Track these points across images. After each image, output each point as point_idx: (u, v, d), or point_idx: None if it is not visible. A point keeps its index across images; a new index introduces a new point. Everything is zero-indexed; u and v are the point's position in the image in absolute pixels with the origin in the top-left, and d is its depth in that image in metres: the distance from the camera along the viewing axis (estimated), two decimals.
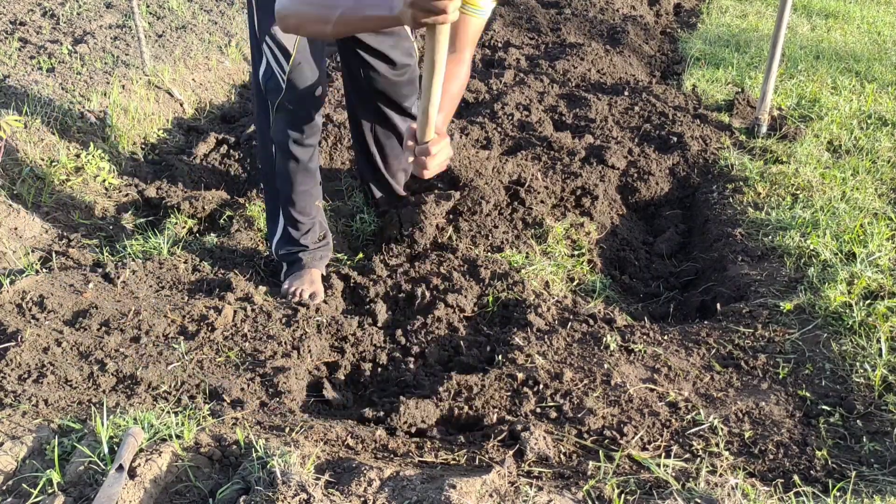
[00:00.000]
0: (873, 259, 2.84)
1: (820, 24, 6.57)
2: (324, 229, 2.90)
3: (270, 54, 2.54)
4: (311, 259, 2.82)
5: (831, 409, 2.17)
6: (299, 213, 2.79)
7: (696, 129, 4.07)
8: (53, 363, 2.23)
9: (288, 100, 2.57)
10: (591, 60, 4.99)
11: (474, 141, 3.85)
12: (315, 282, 2.77)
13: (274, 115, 2.65)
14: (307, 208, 2.80)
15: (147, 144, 3.93)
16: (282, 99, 2.58)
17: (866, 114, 4.41)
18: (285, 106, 2.59)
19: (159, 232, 3.11)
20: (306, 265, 2.80)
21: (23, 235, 3.02)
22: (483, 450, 1.98)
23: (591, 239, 3.28)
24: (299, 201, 2.77)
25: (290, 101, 2.57)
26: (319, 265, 2.84)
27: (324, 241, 2.89)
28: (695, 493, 1.78)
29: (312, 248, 2.83)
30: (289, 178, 2.74)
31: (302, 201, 2.78)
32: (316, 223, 2.86)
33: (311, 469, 1.78)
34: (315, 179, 2.80)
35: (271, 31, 2.49)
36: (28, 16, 4.95)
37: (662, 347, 2.46)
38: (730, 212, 3.38)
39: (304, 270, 2.79)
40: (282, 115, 2.62)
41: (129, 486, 1.70)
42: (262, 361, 2.34)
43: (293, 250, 2.82)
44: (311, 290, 2.73)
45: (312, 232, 2.84)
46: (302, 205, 2.78)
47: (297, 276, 2.77)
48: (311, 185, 2.79)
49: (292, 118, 2.62)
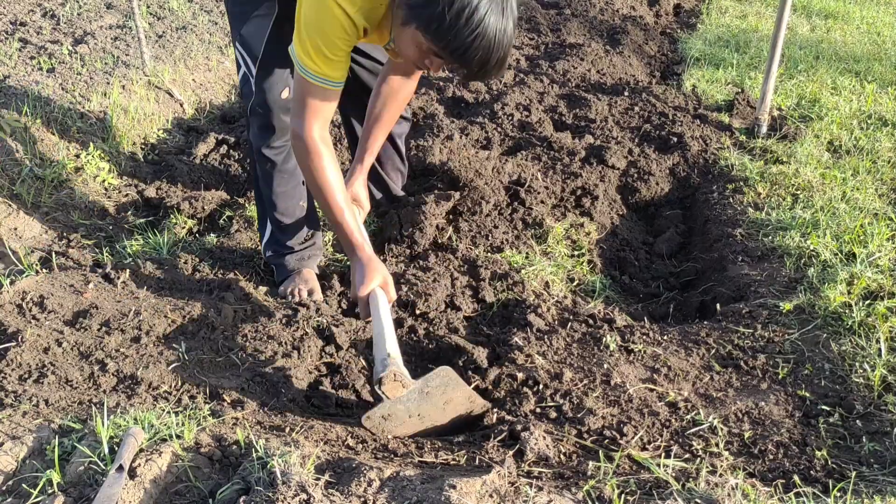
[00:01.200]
0: (873, 259, 2.84)
1: (820, 24, 6.57)
2: (311, 229, 2.90)
3: (241, 59, 2.61)
4: (298, 261, 2.83)
5: (831, 409, 2.17)
6: (281, 214, 2.80)
7: (696, 129, 4.07)
8: (54, 363, 2.23)
9: (257, 104, 2.62)
10: (590, 61, 4.99)
11: (474, 141, 3.86)
12: (309, 280, 2.78)
13: (249, 119, 2.71)
14: (289, 209, 2.81)
15: (147, 144, 3.93)
16: (252, 103, 2.63)
17: (866, 114, 4.41)
18: (256, 110, 2.64)
19: (159, 232, 3.11)
20: (294, 269, 2.81)
21: (23, 235, 3.02)
22: (483, 450, 1.98)
23: (591, 239, 3.28)
24: (280, 203, 2.78)
25: (260, 104, 2.62)
26: (308, 265, 2.85)
27: (310, 242, 2.89)
28: (695, 493, 1.79)
29: (298, 250, 2.84)
30: (268, 180, 2.76)
31: (283, 203, 2.78)
32: (301, 224, 2.86)
33: (311, 469, 1.78)
34: (295, 180, 2.79)
35: (241, 36, 2.57)
36: (28, 16, 4.95)
37: (662, 347, 2.46)
38: (730, 212, 3.38)
39: (295, 273, 2.80)
40: (254, 119, 2.67)
41: (129, 486, 1.70)
42: (262, 361, 2.34)
43: (280, 251, 2.83)
44: (308, 288, 2.74)
45: (297, 233, 2.85)
46: (283, 206, 2.79)
47: (290, 280, 2.79)
48: (291, 187, 2.79)
49: (262, 121, 2.65)
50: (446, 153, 3.47)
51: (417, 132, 3.97)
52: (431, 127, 3.92)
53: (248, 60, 2.60)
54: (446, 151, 3.49)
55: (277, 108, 2.63)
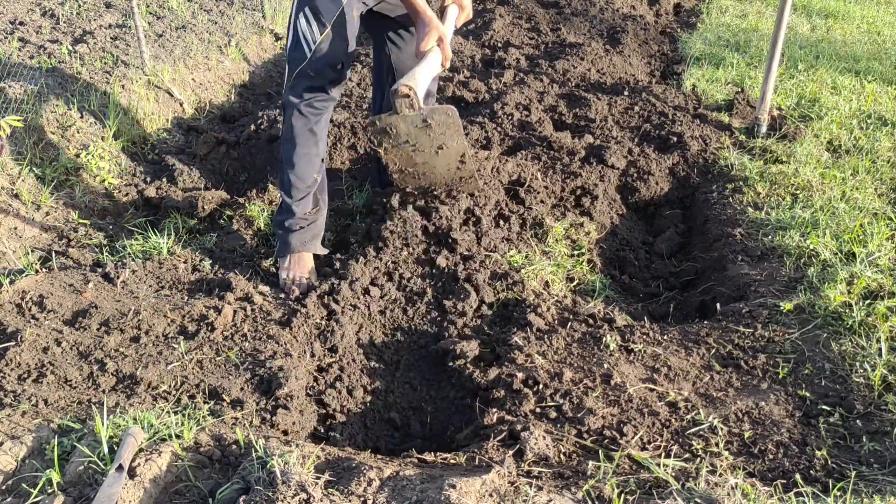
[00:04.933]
0: (873, 259, 2.84)
1: (820, 24, 6.57)
2: (317, 206, 2.96)
3: (305, 23, 2.75)
4: (300, 243, 2.88)
5: (831, 409, 2.17)
6: (296, 176, 2.87)
7: (695, 128, 4.07)
8: (53, 363, 2.22)
9: (311, 68, 2.77)
10: (590, 60, 4.99)
11: (474, 141, 3.85)
12: (305, 265, 2.85)
13: (293, 80, 2.83)
14: (305, 173, 2.87)
15: (147, 144, 3.93)
16: (304, 67, 2.78)
17: (866, 114, 4.41)
18: (306, 72, 2.79)
19: (159, 232, 3.11)
20: (294, 249, 2.87)
21: (23, 235, 3.02)
22: (483, 450, 1.98)
23: (590, 239, 3.28)
24: (299, 163, 2.86)
25: (313, 69, 2.78)
26: (309, 247, 2.91)
27: (314, 218, 2.94)
28: (695, 493, 1.78)
29: (301, 228, 2.89)
30: (293, 138, 2.85)
31: (301, 164, 2.86)
32: (311, 193, 2.92)
33: (310, 469, 1.78)
34: (318, 148, 2.89)
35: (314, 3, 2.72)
36: (28, 15, 4.95)
37: (662, 347, 2.46)
38: (729, 212, 3.38)
39: (294, 255, 2.86)
40: (301, 80, 2.81)
41: (129, 486, 1.70)
42: (262, 361, 2.34)
43: (284, 221, 2.90)
44: (305, 277, 2.82)
45: (305, 201, 2.91)
46: (301, 169, 2.86)
47: (289, 266, 2.85)
48: (313, 152, 2.88)
49: (310, 83, 2.80)
50: None
51: None
52: None
53: (312, 24, 2.73)
54: None
55: (331, 77, 2.80)
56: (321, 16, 2.73)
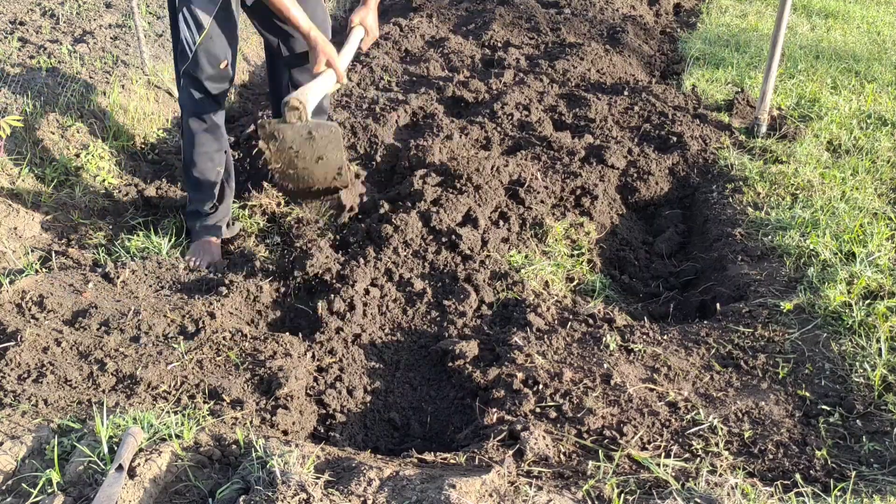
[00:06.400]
0: (873, 259, 2.84)
1: (820, 23, 6.57)
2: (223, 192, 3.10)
3: (185, 25, 2.83)
4: (204, 229, 3.05)
5: (831, 409, 2.17)
6: (199, 173, 3.01)
7: (695, 128, 4.07)
8: (53, 363, 2.22)
9: (193, 68, 2.87)
10: (590, 60, 4.99)
11: (474, 141, 3.85)
12: (212, 250, 3.02)
13: (182, 82, 2.95)
14: (206, 169, 3.02)
15: (147, 144, 3.93)
16: (188, 67, 2.88)
17: (866, 114, 4.41)
18: (190, 73, 2.89)
19: (159, 232, 3.11)
20: (201, 236, 3.05)
21: (23, 235, 3.02)
22: (483, 450, 1.98)
23: (590, 239, 3.28)
24: (199, 161, 3.00)
25: (195, 69, 2.87)
26: (214, 232, 3.07)
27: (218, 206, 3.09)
28: (695, 493, 1.78)
29: (207, 213, 3.06)
30: (191, 139, 2.99)
31: (202, 162, 3.00)
32: (213, 188, 3.06)
33: (310, 469, 1.78)
34: (218, 144, 3.03)
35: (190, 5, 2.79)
36: (28, 15, 4.95)
37: (662, 347, 2.46)
38: (729, 212, 3.38)
39: (201, 241, 3.04)
40: (188, 81, 2.92)
41: (129, 486, 1.70)
42: (262, 361, 2.34)
43: (192, 212, 3.07)
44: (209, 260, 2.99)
45: (209, 194, 3.05)
46: (202, 166, 3.01)
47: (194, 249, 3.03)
48: (213, 148, 3.01)
49: (197, 84, 2.91)
50: (446, 153, 3.47)
51: (417, 131, 3.97)
52: (431, 126, 3.92)
53: (191, 26, 2.81)
54: (446, 151, 3.48)
55: (216, 77, 2.90)
56: (198, 17, 2.80)
